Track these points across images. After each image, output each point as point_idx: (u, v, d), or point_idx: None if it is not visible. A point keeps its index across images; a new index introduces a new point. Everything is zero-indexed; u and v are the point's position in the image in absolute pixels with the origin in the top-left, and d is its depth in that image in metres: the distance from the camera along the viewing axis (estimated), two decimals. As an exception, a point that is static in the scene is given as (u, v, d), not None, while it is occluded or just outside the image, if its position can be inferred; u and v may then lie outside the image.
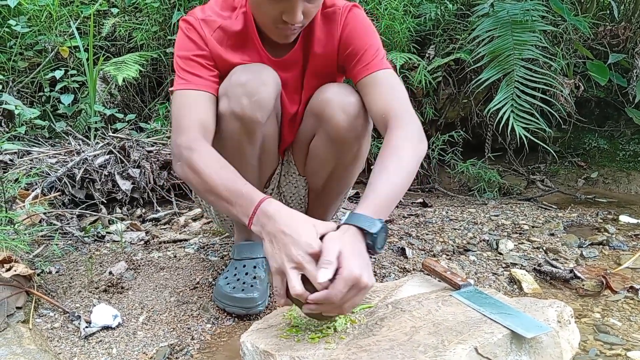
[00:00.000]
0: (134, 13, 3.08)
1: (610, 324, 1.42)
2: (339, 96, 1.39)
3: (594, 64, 2.78)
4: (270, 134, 1.46)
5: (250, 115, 1.33)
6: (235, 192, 1.16)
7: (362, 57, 1.39)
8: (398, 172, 1.21)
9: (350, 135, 1.42)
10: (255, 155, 1.45)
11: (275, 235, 1.08)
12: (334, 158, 1.51)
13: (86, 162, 2.23)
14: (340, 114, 1.39)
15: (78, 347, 1.32)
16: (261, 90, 1.32)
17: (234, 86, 1.32)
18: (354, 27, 1.41)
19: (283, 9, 1.25)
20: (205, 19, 1.38)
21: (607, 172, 3.06)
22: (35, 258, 1.68)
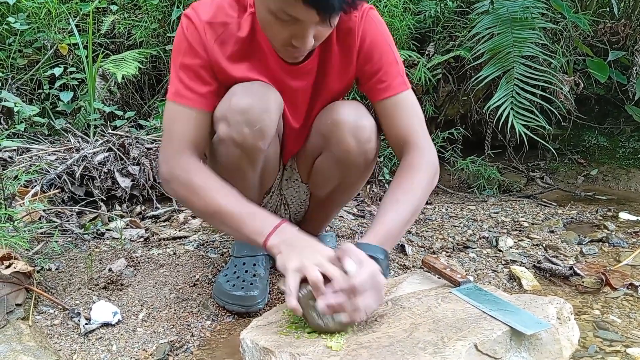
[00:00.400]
0: (133, 10, 3.08)
1: (610, 320, 1.42)
2: (351, 119, 1.32)
3: (593, 62, 2.78)
4: (271, 155, 1.41)
5: (251, 144, 1.26)
6: (248, 214, 1.18)
7: (383, 75, 1.33)
8: (408, 206, 1.25)
9: (360, 159, 1.37)
10: (256, 177, 1.41)
11: (295, 244, 1.13)
12: (339, 177, 1.46)
13: (86, 160, 2.23)
14: (350, 138, 1.32)
15: (78, 343, 1.32)
16: (264, 118, 1.24)
17: (234, 112, 1.24)
18: (374, 39, 1.32)
19: (293, 32, 1.14)
20: (211, 22, 1.26)
21: (607, 170, 3.06)
22: (34, 255, 1.68)
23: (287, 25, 1.13)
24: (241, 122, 1.23)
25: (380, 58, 1.33)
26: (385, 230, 1.20)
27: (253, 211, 1.20)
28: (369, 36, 1.32)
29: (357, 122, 1.33)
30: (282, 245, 1.12)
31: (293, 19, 1.11)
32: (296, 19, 1.10)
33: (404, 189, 1.27)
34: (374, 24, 1.33)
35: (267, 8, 1.13)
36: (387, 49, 1.34)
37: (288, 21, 1.12)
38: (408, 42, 2.84)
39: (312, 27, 1.13)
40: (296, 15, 1.09)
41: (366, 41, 1.32)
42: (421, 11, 2.90)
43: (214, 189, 1.22)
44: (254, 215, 1.19)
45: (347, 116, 1.32)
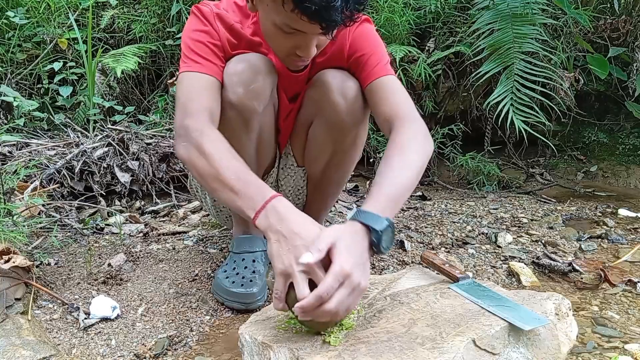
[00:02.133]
0: (133, 5, 3.07)
1: (608, 316, 1.42)
2: (337, 80, 1.39)
3: (594, 58, 2.77)
4: (266, 123, 1.46)
5: (246, 104, 1.33)
6: (245, 182, 1.13)
7: (367, 62, 1.39)
8: (403, 170, 1.19)
9: (349, 119, 1.43)
10: (252, 145, 1.45)
11: (285, 235, 1.04)
12: (332, 143, 1.51)
13: (85, 154, 2.23)
14: (338, 97, 1.39)
15: (77, 338, 1.32)
16: (257, 79, 1.32)
17: (229, 75, 1.32)
18: (361, 34, 1.41)
19: (297, 43, 1.23)
20: (220, 15, 1.36)
21: (607, 166, 3.06)
22: (34, 250, 1.68)
23: (291, 36, 1.21)
24: (236, 82, 1.31)
25: (366, 49, 1.40)
26: (386, 197, 1.14)
27: (249, 180, 1.14)
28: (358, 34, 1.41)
29: (343, 83, 1.39)
30: (271, 232, 1.06)
31: (297, 32, 1.18)
32: (300, 31, 1.18)
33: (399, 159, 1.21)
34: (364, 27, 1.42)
35: (271, 22, 1.20)
36: (372, 43, 1.42)
37: (292, 33, 1.19)
38: (408, 38, 2.83)
39: (315, 38, 1.22)
40: (300, 29, 1.17)
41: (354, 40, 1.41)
42: (421, 7, 2.90)
43: (224, 155, 1.18)
44: (249, 186, 1.13)
45: (333, 78, 1.39)
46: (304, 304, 0.98)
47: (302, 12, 1.10)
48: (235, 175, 1.14)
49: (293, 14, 1.12)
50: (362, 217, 1.08)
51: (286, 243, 1.04)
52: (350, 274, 0.99)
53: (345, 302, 1.00)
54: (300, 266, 1.00)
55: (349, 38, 1.40)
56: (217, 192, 1.18)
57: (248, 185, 1.13)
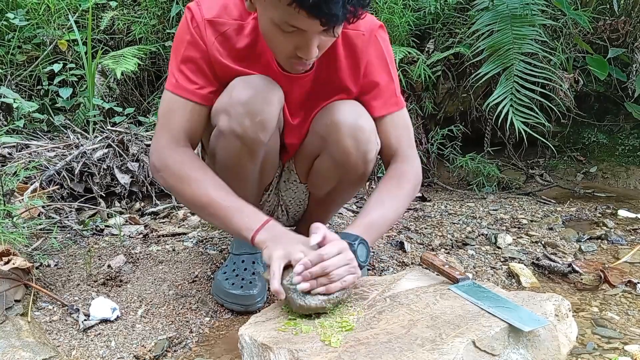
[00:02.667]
0: (133, 6, 3.07)
1: (608, 317, 1.42)
2: (349, 120, 1.32)
3: (593, 59, 2.77)
4: (272, 148, 1.41)
5: (252, 137, 1.26)
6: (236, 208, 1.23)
7: (383, 91, 1.37)
8: (392, 209, 1.32)
9: (359, 160, 1.36)
10: (256, 170, 1.41)
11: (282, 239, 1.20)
12: (338, 177, 1.45)
13: (85, 156, 2.23)
14: (349, 140, 1.32)
15: (77, 339, 1.32)
16: (265, 110, 1.25)
17: (235, 105, 1.24)
18: (377, 56, 1.36)
19: (297, 44, 1.15)
20: (212, 21, 1.26)
21: (606, 167, 3.07)
22: (33, 251, 1.68)
23: (291, 36, 1.13)
24: (242, 114, 1.24)
25: (379, 75, 1.37)
26: (367, 223, 1.27)
27: (242, 207, 1.24)
28: (374, 52, 1.36)
29: (356, 123, 1.32)
30: (269, 241, 1.19)
31: (297, 30, 1.11)
32: (300, 29, 1.10)
33: (390, 193, 1.34)
34: (379, 43, 1.37)
35: (270, 20, 1.13)
36: (387, 68, 1.39)
37: (292, 32, 1.12)
38: (408, 39, 2.83)
39: (316, 37, 1.13)
40: (300, 26, 1.09)
41: (371, 57, 1.36)
42: (421, 8, 2.90)
43: (206, 181, 1.24)
44: (243, 211, 1.23)
45: (346, 117, 1.32)
46: (305, 261, 1.12)
47: (300, 6, 1.03)
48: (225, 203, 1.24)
49: (290, 9, 1.04)
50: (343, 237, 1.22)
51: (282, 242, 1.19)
52: (346, 248, 1.17)
53: (341, 269, 1.14)
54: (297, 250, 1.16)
55: (366, 53, 1.34)
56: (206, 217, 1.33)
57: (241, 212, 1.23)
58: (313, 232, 1.18)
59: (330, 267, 1.13)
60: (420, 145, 2.88)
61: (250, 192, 1.43)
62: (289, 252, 1.15)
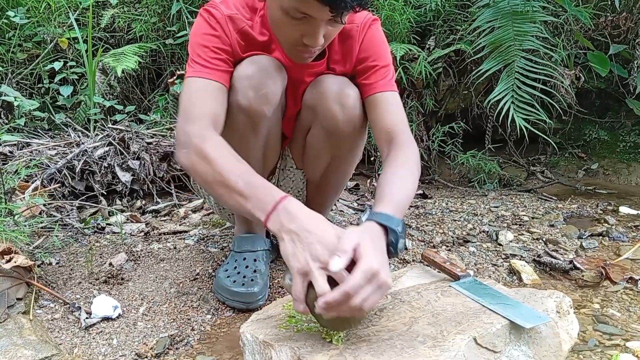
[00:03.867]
0: (133, 4, 3.07)
1: (610, 314, 1.42)
2: (335, 88, 1.37)
3: (594, 55, 2.77)
4: (274, 127, 1.45)
5: (256, 109, 1.31)
6: (252, 185, 1.11)
7: (375, 72, 1.39)
8: (409, 182, 1.24)
9: (347, 127, 1.41)
10: (259, 149, 1.44)
11: (299, 233, 1.02)
12: (330, 150, 1.50)
13: (86, 154, 2.23)
14: (336, 106, 1.37)
15: (78, 337, 1.33)
16: (268, 83, 1.31)
17: (240, 79, 1.30)
18: (370, 43, 1.40)
19: (305, 31, 1.19)
20: (232, 17, 1.32)
21: (608, 164, 3.06)
22: (35, 249, 1.68)
23: (298, 23, 1.18)
24: (246, 86, 1.29)
25: (374, 59, 1.40)
26: (396, 201, 1.16)
27: (257, 183, 1.12)
28: (367, 40, 1.40)
29: (341, 91, 1.37)
30: (284, 232, 1.04)
31: (305, 17, 1.15)
32: (309, 16, 1.14)
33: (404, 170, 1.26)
34: (373, 31, 1.41)
35: (279, 6, 1.17)
36: (380, 52, 1.41)
37: (300, 19, 1.16)
38: (408, 36, 2.83)
39: (323, 25, 1.18)
40: (309, 13, 1.13)
41: (363, 44, 1.40)
42: (422, 4, 2.90)
43: (228, 160, 1.17)
44: (256, 189, 1.11)
45: (331, 86, 1.37)
46: (328, 299, 0.95)
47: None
48: (242, 179, 1.11)
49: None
50: (380, 218, 1.09)
51: (300, 241, 1.01)
52: (378, 271, 0.97)
53: (370, 299, 0.97)
54: (317, 263, 0.98)
55: (360, 40, 1.39)
56: (223, 197, 1.16)
57: (256, 188, 1.10)
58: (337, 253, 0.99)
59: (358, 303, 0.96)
60: (421, 143, 2.88)
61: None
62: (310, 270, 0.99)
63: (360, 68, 1.41)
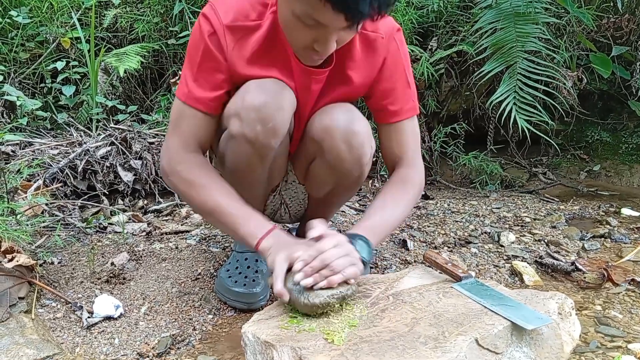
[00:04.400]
0: (135, 4, 3.07)
1: (612, 316, 1.42)
2: (342, 124, 1.29)
3: (597, 57, 2.77)
4: (281, 153, 1.40)
5: (263, 143, 1.25)
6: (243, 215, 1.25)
7: (396, 97, 1.36)
8: (395, 214, 1.34)
9: (354, 166, 1.36)
10: (265, 174, 1.40)
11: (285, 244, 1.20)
12: (334, 181, 1.44)
13: (88, 154, 2.23)
14: (342, 145, 1.30)
15: (80, 337, 1.33)
16: (277, 116, 1.22)
17: (247, 110, 1.22)
18: (395, 60, 1.35)
19: (316, 37, 1.13)
20: (231, 26, 1.23)
21: (610, 165, 3.06)
22: (37, 249, 1.69)
23: (310, 29, 1.12)
24: (255, 119, 1.21)
25: (397, 79, 1.36)
26: (369, 226, 1.29)
27: (249, 214, 1.26)
28: (391, 56, 1.34)
29: (349, 128, 1.29)
30: (273, 247, 1.20)
31: (318, 24, 1.09)
32: (321, 23, 1.09)
33: (393, 198, 1.35)
34: (397, 46, 1.35)
35: (291, 11, 1.11)
36: (404, 72, 1.38)
37: (312, 25, 1.10)
38: (411, 37, 2.83)
39: (336, 32, 1.12)
40: (323, 21, 1.08)
41: (388, 61, 1.34)
42: (424, 5, 2.89)
43: (214, 187, 1.26)
44: (249, 218, 1.25)
45: (339, 122, 1.29)
46: (305, 257, 1.12)
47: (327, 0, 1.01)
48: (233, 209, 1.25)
49: (316, 2, 1.03)
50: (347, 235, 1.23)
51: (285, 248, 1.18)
52: (345, 241, 1.17)
53: (341, 260, 1.13)
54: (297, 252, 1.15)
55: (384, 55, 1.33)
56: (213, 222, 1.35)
57: (248, 219, 1.25)
58: (310, 228, 1.20)
59: (329, 259, 1.12)
60: (423, 144, 2.87)
61: (257, 194, 1.46)
62: (289, 254, 1.16)
63: (383, 89, 1.36)
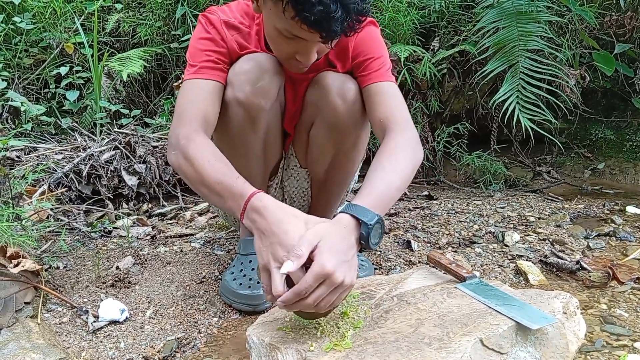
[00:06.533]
0: (138, 8, 3.08)
1: (617, 315, 1.42)
2: (336, 82, 1.40)
3: (600, 54, 2.76)
4: (273, 123, 1.47)
5: (253, 101, 1.35)
6: (227, 185, 1.14)
7: (368, 65, 1.41)
8: (394, 173, 1.20)
9: (349, 121, 1.43)
10: (259, 144, 1.47)
11: (264, 232, 1.06)
12: (333, 145, 1.51)
13: (92, 158, 2.24)
14: (337, 99, 1.39)
15: (86, 341, 1.33)
16: (264, 77, 1.34)
17: (237, 74, 1.34)
18: (365, 37, 1.42)
19: (297, 49, 1.25)
20: (228, 22, 1.38)
21: (614, 163, 3.05)
22: (42, 254, 1.70)
23: (292, 42, 1.23)
24: (243, 81, 1.33)
25: (368, 51, 1.42)
26: (376, 194, 1.15)
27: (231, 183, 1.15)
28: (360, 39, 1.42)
29: (343, 85, 1.40)
30: (254, 229, 1.08)
31: (297, 37, 1.20)
32: (301, 38, 1.20)
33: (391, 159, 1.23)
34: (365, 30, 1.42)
35: (273, 26, 1.23)
36: (375, 46, 1.43)
37: (293, 38, 1.21)
38: (413, 37, 2.83)
39: (316, 45, 1.24)
40: (301, 36, 1.19)
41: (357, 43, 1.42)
42: (425, 6, 2.89)
43: (207, 160, 1.20)
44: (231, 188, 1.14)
45: (333, 81, 1.40)
46: (283, 299, 0.99)
47: (302, 21, 1.13)
48: (219, 179, 1.16)
49: (293, 22, 1.14)
50: (352, 210, 1.08)
51: (265, 239, 1.05)
52: (331, 273, 0.98)
53: (326, 299, 1.00)
54: (276, 263, 1.01)
55: (353, 39, 1.41)
56: (205, 196, 1.25)
57: (230, 187, 1.14)
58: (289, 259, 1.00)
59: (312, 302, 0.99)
60: (426, 144, 2.87)
61: (255, 169, 1.49)
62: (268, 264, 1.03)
63: (356, 63, 1.43)
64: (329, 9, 1.10)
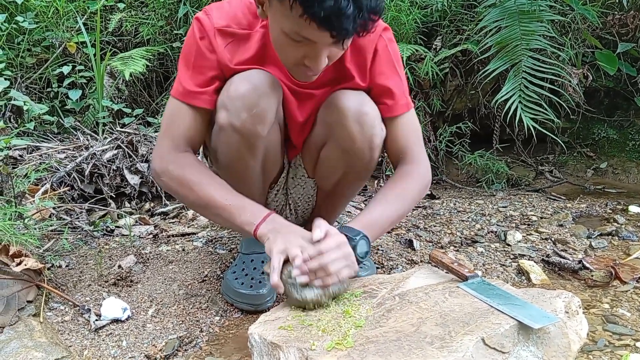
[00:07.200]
0: (140, 8, 3.08)
1: (619, 314, 1.42)
2: (354, 106, 1.32)
3: (602, 54, 2.75)
4: (272, 143, 1.40)
5: (250, 129, 1.27)
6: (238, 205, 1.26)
7: (392, 93, 1.38)
8: (396, 208, 1.35)
9: (365, 147, 1.37)
10: (258, 165, 1.40)
11: (282, 231, 1.22)
12: (345, 166, 1.45)
13: (95, 157, 2.24)
14: (354, 125, 1.32)
15: (88, 339, 1.34)
16: (261, 102, 1.25)
17: (232, 99, 1.25)
18: (386, 53, 1.37)
19: (306, 52, 1.16)
20: (222, 30, 1.29)
21: (617, 162, 3.04)
22: (45, 252, 1.70)
23: (300, 46, 1.15)
24: (239, 107, 1.25)
25: (388, 78, 1.38)
26: (369, 220, 1.30)
27: (243, 203, 1.27)
28: (381, 53, 1.36)
29: (361, 109, 1.33)
30: (270, 233, 1.22)
31: (307, 40, 1.12)
32: (310, 40, 1.12)
33: (395, 193, 1.36)
34: (385, 43, 1.37)
35: (280, 29, 1.14)
36: (395, 69, 1.39)
37: (301, 42, 1.14)
38: (415, 37, 2.82)
39: (326, 49, 1.15)
40: (310, 37, 1.11)
41: (378, 58, 1.36)
42: (428, 5, 2.89)
43: (205, 181, 1.27)
44: (245, 207, 1.26)
45: (350, 103, 1.32)
46: (305, 256, 1.16)
47: (311, 18, 1.05)
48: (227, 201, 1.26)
49: (301, 20, 1.06)
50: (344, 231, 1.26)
51: (282, 235, 1.21)
52: (345, 243, 1.21)
53: (338, 263, 1.17)
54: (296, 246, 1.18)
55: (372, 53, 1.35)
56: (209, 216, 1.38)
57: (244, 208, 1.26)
58: (315, 227, 1.21)
59: (327, 261, 1.16)
60: (428, 143, 2.87)
61: (254, 190, 1.45)
62: (287, 247, 1.18)
63: (375, 86, 1.37)
64: (339, 4, 1.02)
